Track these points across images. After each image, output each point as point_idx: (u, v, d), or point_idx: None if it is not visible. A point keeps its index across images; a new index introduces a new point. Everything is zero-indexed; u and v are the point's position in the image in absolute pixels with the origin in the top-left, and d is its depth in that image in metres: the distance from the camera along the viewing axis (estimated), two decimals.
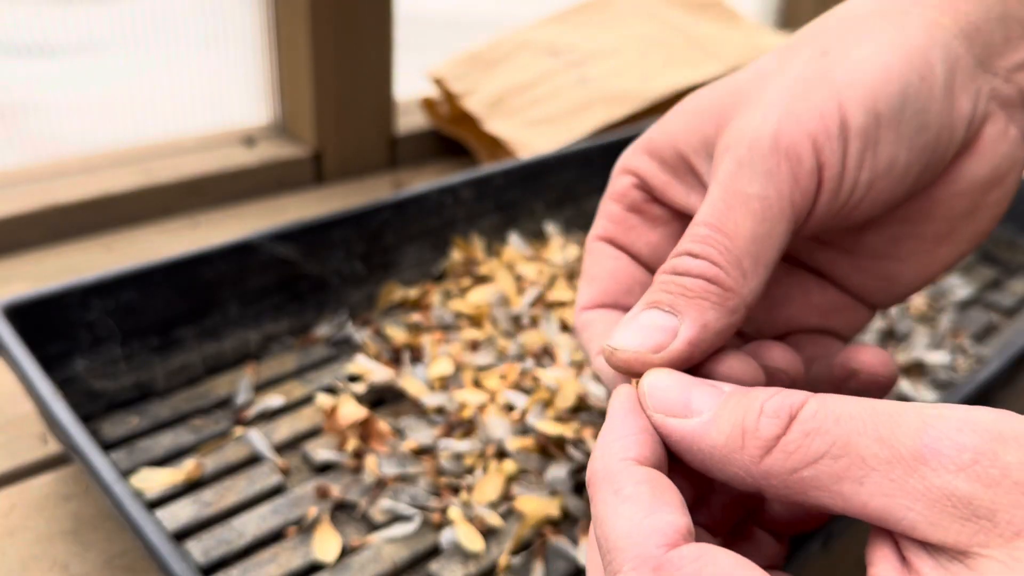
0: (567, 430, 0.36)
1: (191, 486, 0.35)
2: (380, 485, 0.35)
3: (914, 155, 0.21)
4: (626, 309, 0.24)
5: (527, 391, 0.40)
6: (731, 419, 0.18)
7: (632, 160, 0.25)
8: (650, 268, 0.26)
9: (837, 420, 0.17)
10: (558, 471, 0.36)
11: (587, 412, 0.38)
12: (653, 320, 0.21)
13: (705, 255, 0.21)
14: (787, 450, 0.17)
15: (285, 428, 0.39)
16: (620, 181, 0.25)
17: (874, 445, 0.16)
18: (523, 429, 0.38)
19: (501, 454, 0.37)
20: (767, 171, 0.21)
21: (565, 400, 0.37)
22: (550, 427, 0.36)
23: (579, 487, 0.36)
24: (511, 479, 0.36)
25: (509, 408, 0.39)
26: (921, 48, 0.21)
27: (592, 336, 0.25)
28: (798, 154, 0.21)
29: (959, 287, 0.53)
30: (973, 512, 0.15)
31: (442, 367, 0.41)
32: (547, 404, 0.38)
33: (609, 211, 0.25)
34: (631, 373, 0.21)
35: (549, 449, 0.36)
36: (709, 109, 0.23)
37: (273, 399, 0.40)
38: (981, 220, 0.23)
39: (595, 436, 0.36)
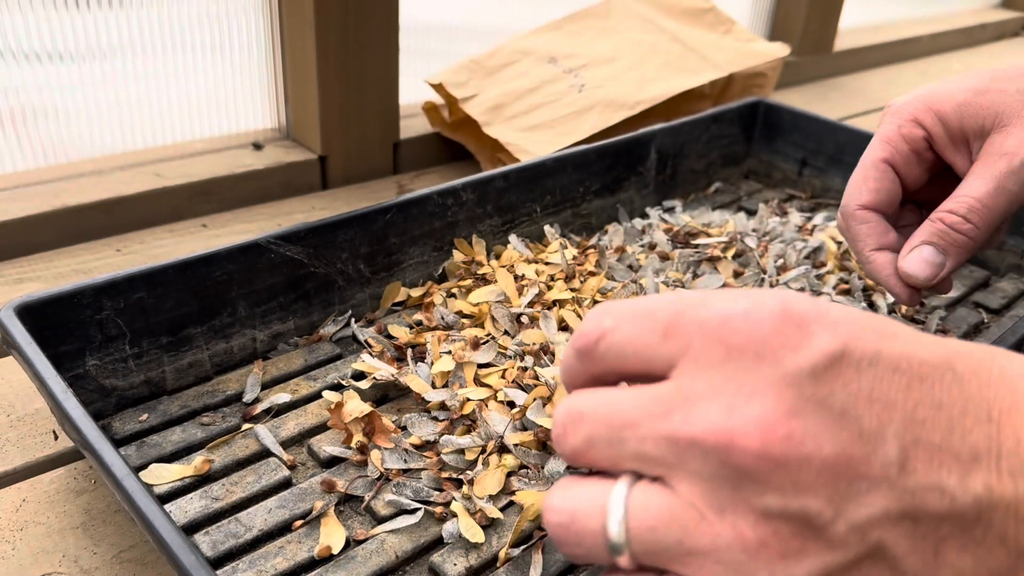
0: None
1: (200, 481, 0.36)
2: (384, 479, 0.36)
3: None
4: (886, 215, 0.38)
5: (527, 388, 0.41)
6: None
7: (924, 116, 0.37)
8: (906, 191, 0.38)
9: None
10: (557, 465, 0.36)
11: None
12: (932, 256, 0.36)
13: (974, 221, 0.35)
14: None
15: (292, 424, 0.39)
16: (912, 128, 0.37)
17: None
18: (523, 425, 0.39)
19: (502, 449, 0.38)
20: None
21: (563, 397, 0.38)
22: (549, 423, 0.37)
23: None
24: (511, 473, 0.37)
25: (510, 404, 0.40)
26: None
27: (870, 232, 0.38)
28: None
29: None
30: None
31: (444, 365, 0.42)
32: (546, 401, 0.39)
33: (899, 146, 0.37)
34: (913, 286, 0.37)
35: (549, 444, 0.37)
36: (991, 108, 0.36)
37: (280, 396, 0.40)
38: None
39: None
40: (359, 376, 0.42)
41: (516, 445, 0.37)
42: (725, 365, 0.19)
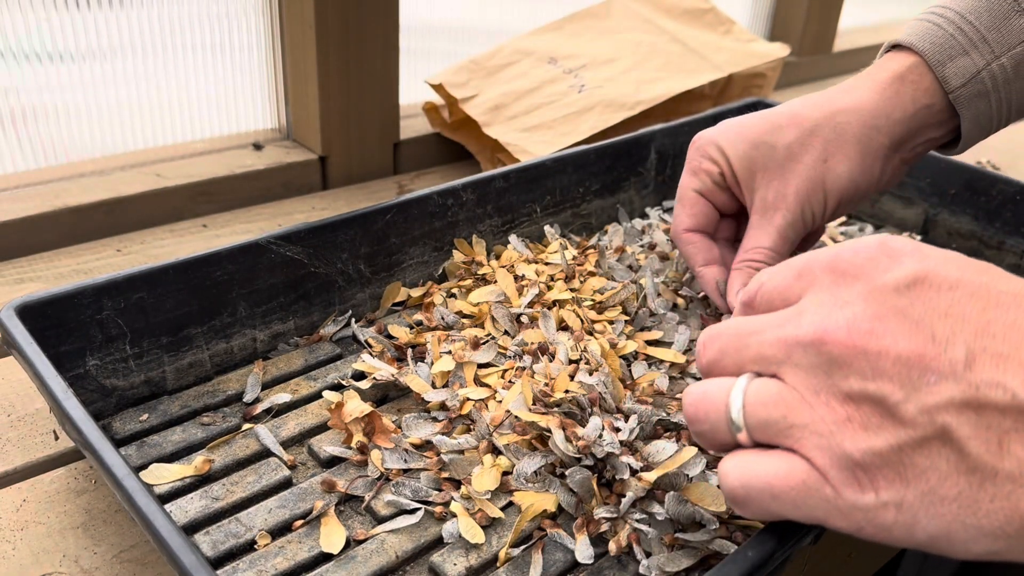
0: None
1: (200, 481, 0.36)
2: (384, 479, 0.36)
3: (853, 208, 0.44)
4: (705, 233, 0.44)
5: None
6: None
7: (718, 157, 0.42)
8: (723, 211, 0.45)
9: None
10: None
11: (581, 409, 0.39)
12: (740, 288, 0.41)
13: (772, 265, 0.37)
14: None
15: (292, 424, 0.39)
16: (710, 166, 0.43)
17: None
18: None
19: (496, 449, 0.38)
20: (799, 232, 0.42)
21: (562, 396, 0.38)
22: (541, 419, 0.37)
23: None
24: (508, 473, 0.37)
25: None
26: (873, 164, 0.41)
27: (696, 251, 0.44)
28: (811, 225, 0.42)
29: None
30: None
31: (444, 365, 0.42)
32: (546, 401, 0.39)
33: (703, 179, 0.43)
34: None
35: (534, 443, 0.37)
36: (760, 161, 0.41)
37: (280, 396, 0.41)
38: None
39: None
40: (359, 376, 0.42)
41: (506, 445, 0.37)
42: (832, 287, 0.24)
